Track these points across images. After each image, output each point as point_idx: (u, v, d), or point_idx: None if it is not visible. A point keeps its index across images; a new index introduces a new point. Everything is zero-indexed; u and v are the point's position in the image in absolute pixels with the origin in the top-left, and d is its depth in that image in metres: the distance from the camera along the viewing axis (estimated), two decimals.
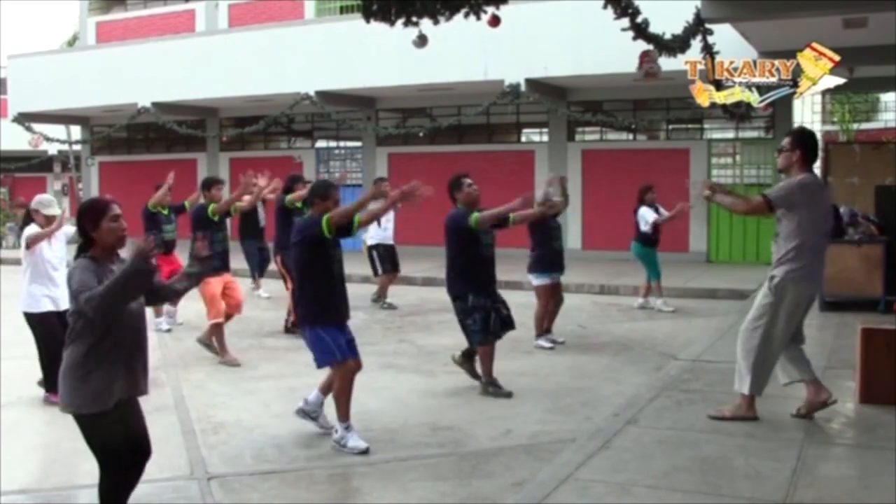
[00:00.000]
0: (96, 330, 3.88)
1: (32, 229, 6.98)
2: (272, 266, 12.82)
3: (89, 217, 3.99)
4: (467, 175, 7.37)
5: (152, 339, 4.63)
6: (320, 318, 5.73)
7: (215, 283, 8.53)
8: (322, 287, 5.73)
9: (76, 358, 3.92)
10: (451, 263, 7.26)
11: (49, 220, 7.04)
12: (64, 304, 7.05)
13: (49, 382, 7.05)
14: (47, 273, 6.96)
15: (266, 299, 12.69)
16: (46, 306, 6.93)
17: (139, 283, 3.76)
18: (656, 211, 11.33)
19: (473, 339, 7.16)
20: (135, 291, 3.85)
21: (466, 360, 7.42)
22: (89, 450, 4.05)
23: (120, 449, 4.02)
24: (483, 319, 7.06)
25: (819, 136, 6.55)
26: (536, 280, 9.07)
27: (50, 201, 7.16)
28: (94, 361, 3.90)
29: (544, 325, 9.13)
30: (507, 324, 7.29)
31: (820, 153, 6.05)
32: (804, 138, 5.83)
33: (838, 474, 4.92)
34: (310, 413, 6.02)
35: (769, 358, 5.75)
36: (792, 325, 5.73)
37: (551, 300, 9.09)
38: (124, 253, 4.08)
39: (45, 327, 6.93)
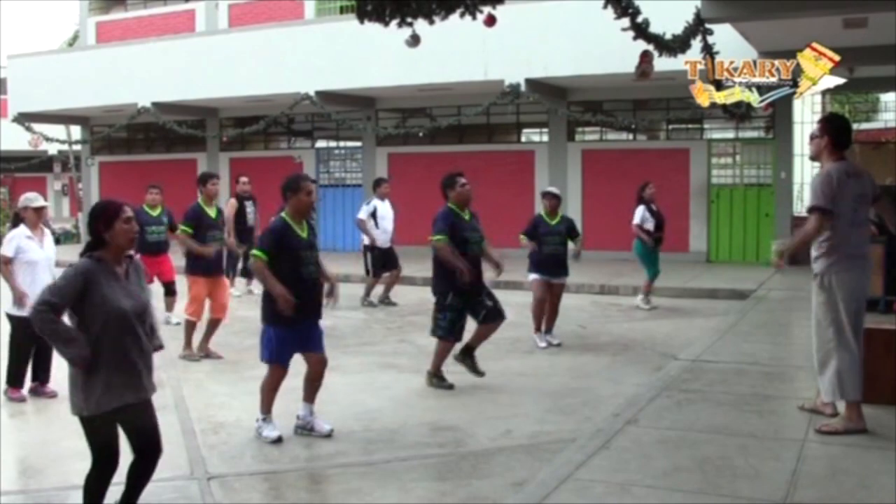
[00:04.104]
0: (91, 333, 3.91)
1: (12, 237, 7.01)
2: None
3: (103, 218, 4.04)
4: (462, 174, 7.42)
5: None
6: (276, 316, 5.80)
7: (203, 284, 8.57)
8: (291, 289, 5.75)
9: None
10: (436, 262, 7.35)
11: (38, 212, 7.09)
12: None
13: (10, 377, 7.13)
14: (37, 275, 6.95)
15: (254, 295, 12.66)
16: (26, 310, 6.94)
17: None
18: (651, 209, 11.35)
19: (436, 331, 7.32)
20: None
21: (465, 356, 7.45)
22: (88, 446, 4.06)
23: (115, 450, 4.07)
24: (452, 320, 7.23)
25: None
26: (529, 277, 9.21)
27: (36, 196, 7.21)
28: (93, 365, 3.91)
29: (541, 322, 9.13)
30: (492, 315, 7.33)
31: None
32: (832, 123, 5.72)
33: (838, 474, 4.92)
34: (305, 426, 6.04)
35: (851, 355, 5.49)
36: (853, 317, 5.48)
37: (546, 296, 9.10)
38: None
39: (20, 329, 6.99)
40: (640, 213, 11.29)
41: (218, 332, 8.78)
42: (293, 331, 5.84)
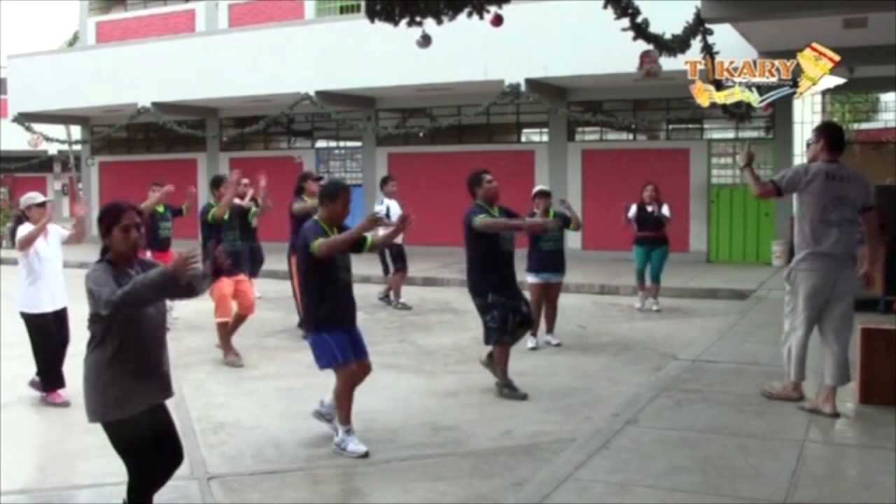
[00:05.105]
0: (117, 336, 3.85)
1: (26, 229, 6.98)
2: (274, 266, 12.85)
3: (104, 222, 3.97)
4: (487, 171, 7.39)
5: None
6: (324, 322, 5.68)
7: (226, 284, 8.52)
8: (326, 293, 5.67)
9: (99, 366, 3.89)
10: (470, 260, 7.27)
11: (42, 206, 7.08)
12: (60, 303, 7.07)
13: (45, 382, 7.06)
14: (43, 272, 6.96)
15: (258, 298, 12.62)
16: (42, 307, 6.96)
17: (164, 292, 3.78)
18: (645, 210, 11.40)
19: (491, 337, 7.12)
20: (157, 297, 3.85)
21: (491, 361, 7.33)
22: (116, 453, 4.01)
23: (145, 452, 4.01)
24: (501, 318, 7.02)
25: None
26: (528, 279, 9.12)
27: (36, 194, 7.21)
28: (116, 368, 3.86)
29: (536, 326, 9.09)
30: (525, 322, 7.27)
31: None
32: (826, 128, 6.26)
33: (838, 474, 4.93)
34: (325, 415, 5.96)
35: (795, 344, 6.02)
36: (810, 313, 5.92)
37: (542, 300, 9.08)
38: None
39: (40, 328, 6.97)
40: (632, 209, 11.45)
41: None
42: (344, 333, 5.73)
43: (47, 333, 7.00)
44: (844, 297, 5.90)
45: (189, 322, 10.56)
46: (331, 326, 5.67)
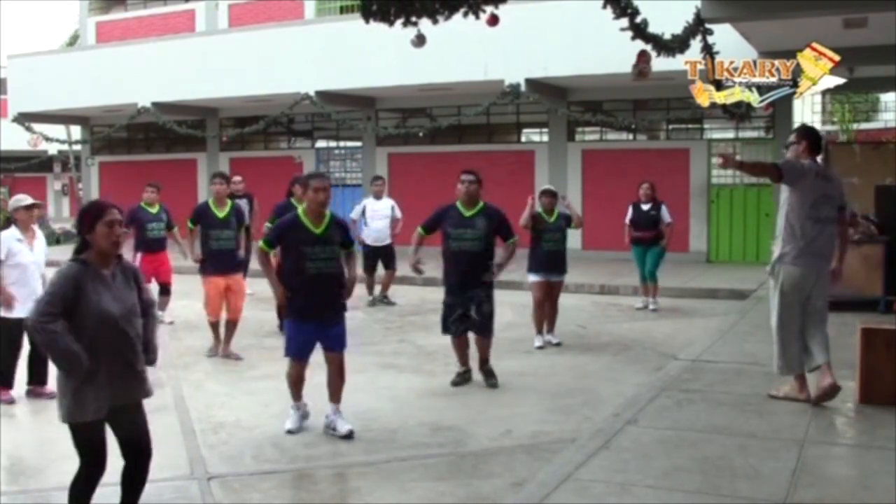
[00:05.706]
0: (82, 339, 3.84)
1: (7, 240, 6.94)
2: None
3: (86, 219, 3.96)
4: (469, 171, 7.49)
5: None
6: (289, 309, 6.01)
7: (216, 283, 8.56)
8: (293, 283, 5.93)
9: None
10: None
11: (29, 210, 7.09)
12: None
13: (2, 377, 7.10)
14: (26, 278, 6.95)
15: (248, 295, 12.61)
16: (20, 313, 6.92)
17: (53, 359, 3.93)
18: (640, 209, 11.42)
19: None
20: (47, 354, 3.97)
21: (486, 375, 7.51)
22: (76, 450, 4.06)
23: (104, 453, 4.04)
24: (444, 314, 7.41)
25: None
26: (529, 278, 9.16)
27: (24, 196, 7.22)
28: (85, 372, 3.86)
29: (541, 325, 9.13)
30: (476, 330, 7.38)
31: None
32: (807, 131, 6.49)
33: (838, 474, 4.93)
34: (329, 426, 6.04)
35: (787, 338, 6.12)
36: (793, 306, 6.09)
37: (545, 298, 9.09)
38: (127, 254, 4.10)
39: (11, 334, 6.95)
40: (628, 214, 11.56)
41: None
42: (308, 324, 5.94)
43: (15, 339, 6.97)
44: (823, 292, 6.17)
45: (189, 322, 10.56)
46: (291, 316, 6.01)
